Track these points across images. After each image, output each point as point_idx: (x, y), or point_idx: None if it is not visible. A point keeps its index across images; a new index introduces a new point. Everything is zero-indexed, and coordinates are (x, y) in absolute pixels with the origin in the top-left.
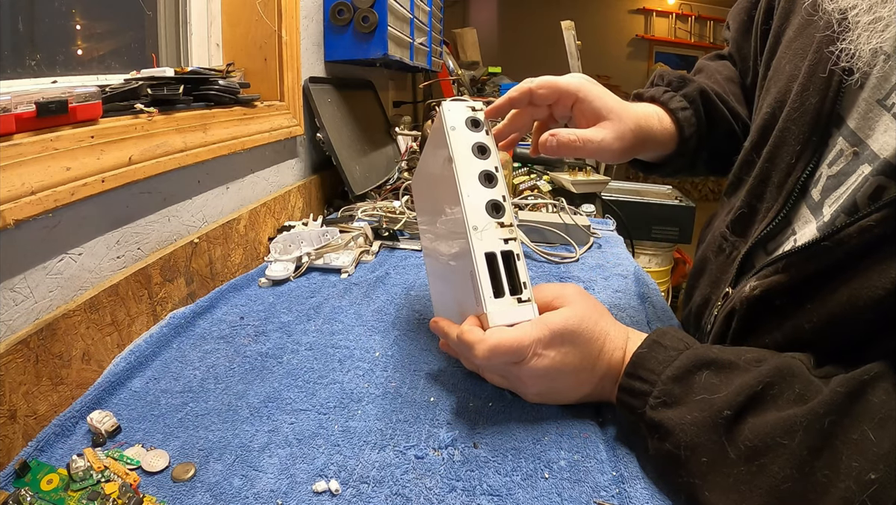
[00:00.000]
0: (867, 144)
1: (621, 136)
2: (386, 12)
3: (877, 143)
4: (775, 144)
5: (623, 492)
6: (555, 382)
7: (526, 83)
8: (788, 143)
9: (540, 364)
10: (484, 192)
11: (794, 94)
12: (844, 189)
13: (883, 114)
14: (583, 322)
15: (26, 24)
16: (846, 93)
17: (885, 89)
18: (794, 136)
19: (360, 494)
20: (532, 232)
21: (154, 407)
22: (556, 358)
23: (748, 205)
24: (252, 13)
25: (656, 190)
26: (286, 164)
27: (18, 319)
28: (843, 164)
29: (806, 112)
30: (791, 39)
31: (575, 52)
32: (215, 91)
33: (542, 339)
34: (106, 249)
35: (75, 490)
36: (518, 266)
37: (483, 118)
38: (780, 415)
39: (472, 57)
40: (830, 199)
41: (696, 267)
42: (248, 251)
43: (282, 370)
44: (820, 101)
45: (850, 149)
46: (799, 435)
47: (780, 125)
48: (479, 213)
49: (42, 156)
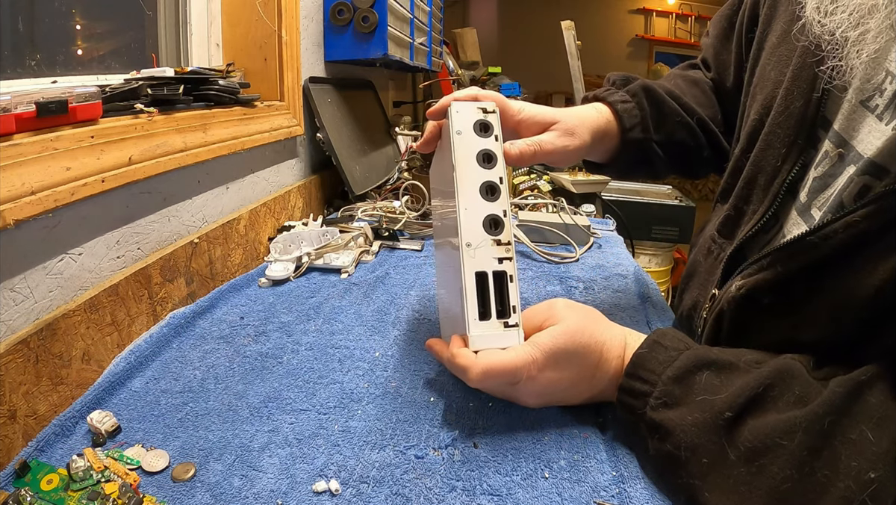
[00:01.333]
0: (852, 146)
1: (570, 133)
2: (386, 12)
3: (861, 143)
4: (761, 148)
5: (623, 492)
6: (553, 396)
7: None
8: (774, 147)
9: (536, 385)
10: (483, 206)
11: (780, 99)
12: (832, 191)
13: (867, 115)
14: (574, 338)
15: (26, 24)
16: (830, 96)
17: (868, 91)
18: (779, 139)
19: (360, 494)
20: (532, 232)
21: (154, 407)
22: (551, 377)
23: (734, 207)
24: (252, 13)
25: (656, 190)
26: (286, 164)
27: (18, 318)
28: (828, 166)
29: (791, 116)
30: (774, 46)
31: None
32: (215, 91)
33: (536, 361)
34: (106, 249)
35: (75, 490)
36: (510, 289)
37: (494, 121)
38: (779, 417)
39: (472, 57)
40: (818, 200)
41: (687, 271)
42: (248, 251)
43: (282, 370)
44: (804, 105)
45: (836, 150)
46: (798, 436)
47: (767, 129)
48: (475, 229)
49: (42, 156)
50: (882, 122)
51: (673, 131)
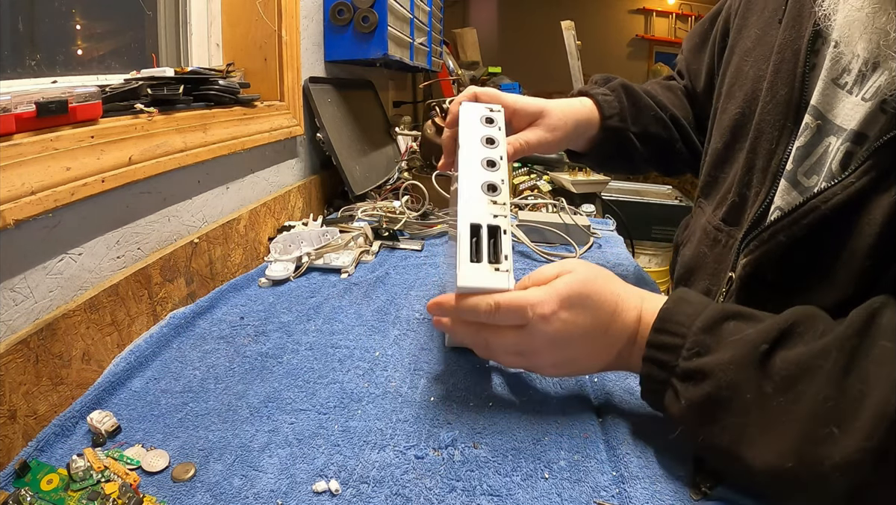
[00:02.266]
0: (828, 119)
1: (554, 128)
2: (386, 12)
3: (837, 117)
4: (755, 136)
5: (623, 492)
6: (568, 350)
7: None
8: (766, 133)
9: (549, 328)
10: (483, 174)
11: (765, 91)
12: (814, 158)
13: (838, 91)
14: (587, 284)
15: (26, 24)
16: (809, 80)
17: (837, 70)
18: (770, 125)
19: (360, 494)
20: (532, 232)
21: (154, 407)
22: (566, 320)
23: (739, 194)
24: (252, 13)
25: (656, 190)
26: (286, 164)
27: (18, 319)
28: (809, 137)
29: (779, 103)
30: (749, 49)
31: (575, 52)
32: (215, 91)
33: (549, 299)
34: (106, 249)
35: (75, 490)
36: (503, 241)
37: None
38: (809, 346)
39: (472, 57)
40: (803, 167)
41: (688, 265)
42: (248, 251)
43: (282, 370)
44: (788, 92)
45: (815, 122)
46: (833, 355)
47: (757, 119)
48: (473, 189)
49: (42, 156)
50: (852, 95)
51: (648, 124)
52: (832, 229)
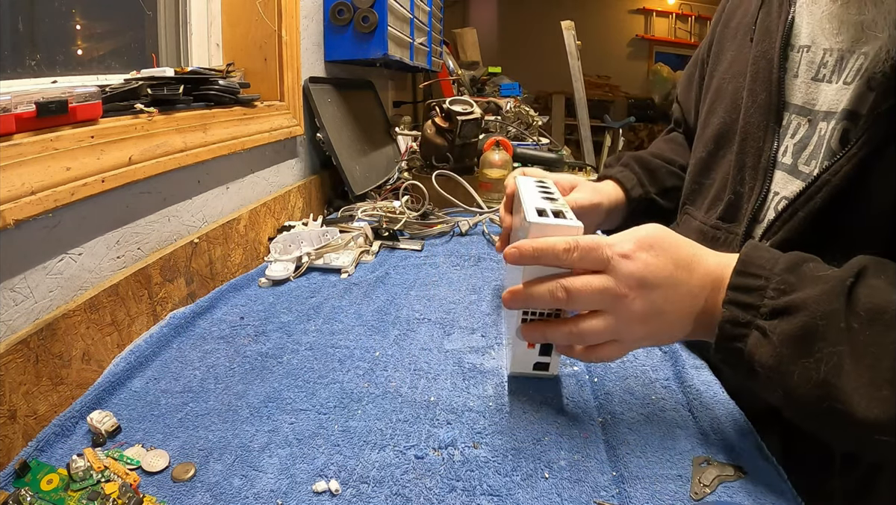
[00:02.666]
0: (816, 111)
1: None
2: (386, 12)
3: (824, 105)
4: (742, 138)
5: (623, 492)
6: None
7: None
8: (752, 134)
9: (632, 266)
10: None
11: (746, 97)
12: (811, 146)
13: (820, 85)
14: (659, 230)
15: (26, 24)
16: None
17: (813, 70)
18: (755, 126)
19: (360, 494)
20: None
21: (154, 407)
22: (647, 261)
23: (734, 192)
24: (252, 13)
25: None
26: (286, 164)
27: (18, 319)
28: (803, 132)
29: (760, 106)
30: (726, 69)
31: (575, 52)
32: (215, 91)
33: (626, 240)
34: (106, 249)
35: (75, 490)
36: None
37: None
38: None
39: (472, 57)
40: (802, 157)
41: None
42: (248, 251)
43: (282, 370)
44: (767, 95)
45: (805, 120)
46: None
47: (742, 123)
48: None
49: (42, 156)
50: (832, 84)
51: (664, 180)
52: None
